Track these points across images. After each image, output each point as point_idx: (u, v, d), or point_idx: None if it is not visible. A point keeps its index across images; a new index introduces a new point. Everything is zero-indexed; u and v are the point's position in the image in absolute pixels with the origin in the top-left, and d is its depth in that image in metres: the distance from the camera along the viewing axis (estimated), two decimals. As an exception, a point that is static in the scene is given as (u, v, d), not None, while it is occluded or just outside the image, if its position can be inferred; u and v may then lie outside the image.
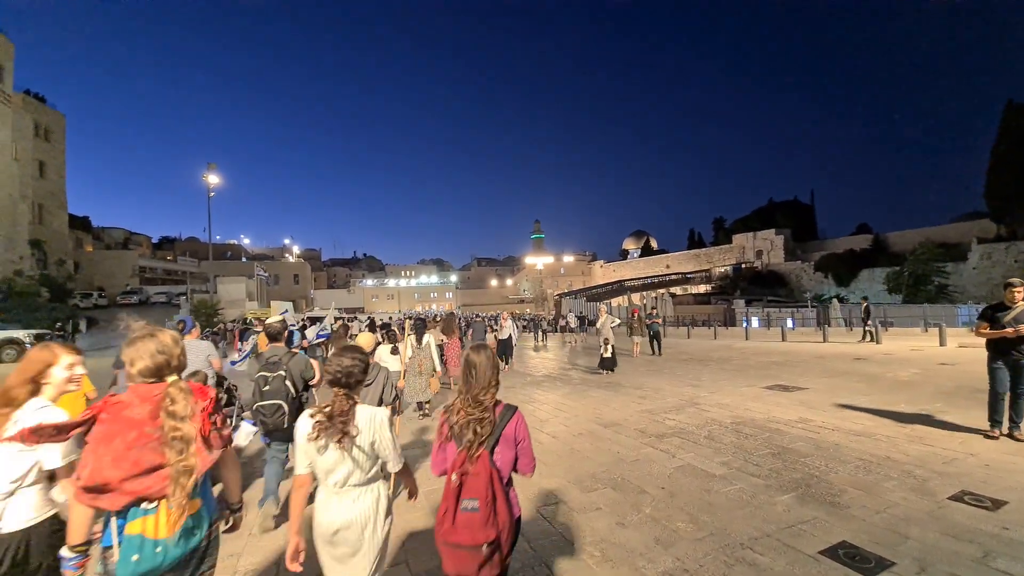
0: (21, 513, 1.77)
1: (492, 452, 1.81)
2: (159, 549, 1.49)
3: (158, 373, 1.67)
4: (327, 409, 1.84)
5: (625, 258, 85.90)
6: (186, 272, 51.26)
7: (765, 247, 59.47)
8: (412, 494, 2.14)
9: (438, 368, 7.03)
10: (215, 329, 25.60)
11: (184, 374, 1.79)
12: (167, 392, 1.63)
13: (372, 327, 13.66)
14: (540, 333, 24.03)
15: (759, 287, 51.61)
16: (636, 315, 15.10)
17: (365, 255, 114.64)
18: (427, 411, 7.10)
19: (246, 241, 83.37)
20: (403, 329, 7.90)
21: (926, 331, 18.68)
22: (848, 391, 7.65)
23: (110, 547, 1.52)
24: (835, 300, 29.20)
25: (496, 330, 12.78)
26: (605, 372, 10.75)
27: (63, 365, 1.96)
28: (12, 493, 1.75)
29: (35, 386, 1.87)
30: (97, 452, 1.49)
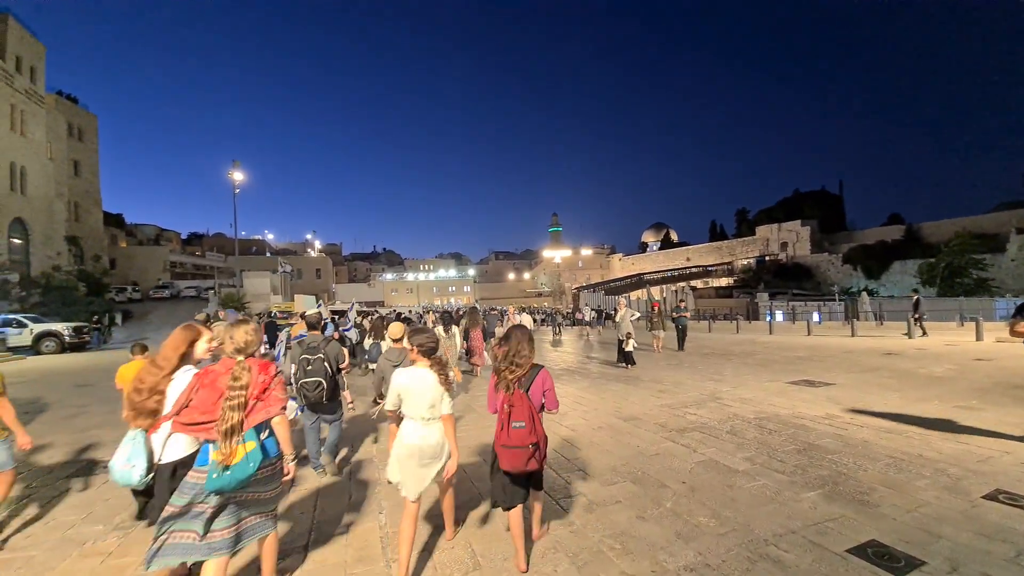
0: (178, 450, 2.53)
1: (528, 391, 2.74)
2: (227, 472, 2.13)
3: (237, 353, 2.37)
4: (411, 353, 2.88)
5: (644, 251, 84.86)
6: (214, 267, 52.83)
7: (790, 239, 57.92)
8: (449, 437, 2.83)
9: (458, 352, 7.36)
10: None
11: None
12: (232, 369, 2.30)
13: (399, 318, 14.48)
14: (556, 327, 23.95)
15: (784, 280, 50.40)
16: (656, 309, 14.45)
17: (385, 249, 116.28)
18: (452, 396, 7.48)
19: (270, 236, 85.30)
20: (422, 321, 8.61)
21: (962, 325, 17.98)
22: (878, 387, 7.43)
23: (205, 466, 2.20)
24: (864, 293, 28.27)
25: (502, 325, 12.32)
26: (628, 366, 10.66)
27: (204, 339, 2.71)
28: (170, 435, 2.51)
29: (185, 355, 2.65)
30: (198, 406, 2.26)
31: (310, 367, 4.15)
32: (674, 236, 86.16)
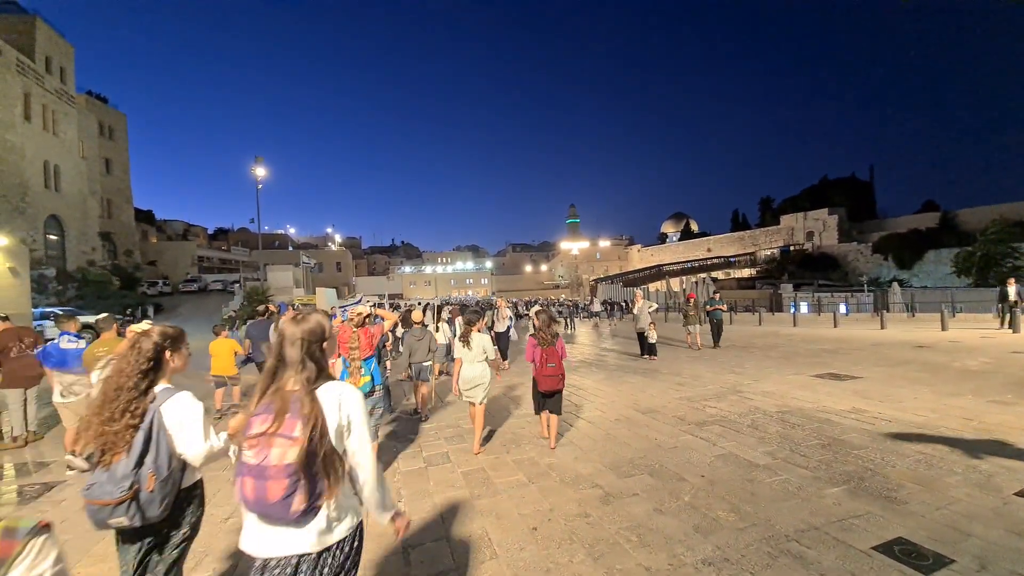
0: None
1: (555, 346, 4.64)
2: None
3: (356, 327, 4.13)
4: (464, 332, 4.82)
5: (663, 242, 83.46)
6: (239, 261, 54.21)
7: (817, 228, 56.08)
8: (497, 369, 6.19)
9: (491, 355, 8.02)
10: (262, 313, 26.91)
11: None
12: (350, 335, 4.06)
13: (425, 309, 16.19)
14: (567, 320, 23.50)
15: (809, 270, 48.87)
16: (692, 300, 12.66)
17: (403, 243, 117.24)
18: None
19: (292, 231, 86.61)
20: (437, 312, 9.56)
21: (999, 317, 17.19)
22: (908, 381, 7.18)
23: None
24: (895, 284, 27.26)
25: (494, 321, 11.11)
26: (650, 358, 10.56)
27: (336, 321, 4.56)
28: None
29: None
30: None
31: None
32: (695, 226, 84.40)
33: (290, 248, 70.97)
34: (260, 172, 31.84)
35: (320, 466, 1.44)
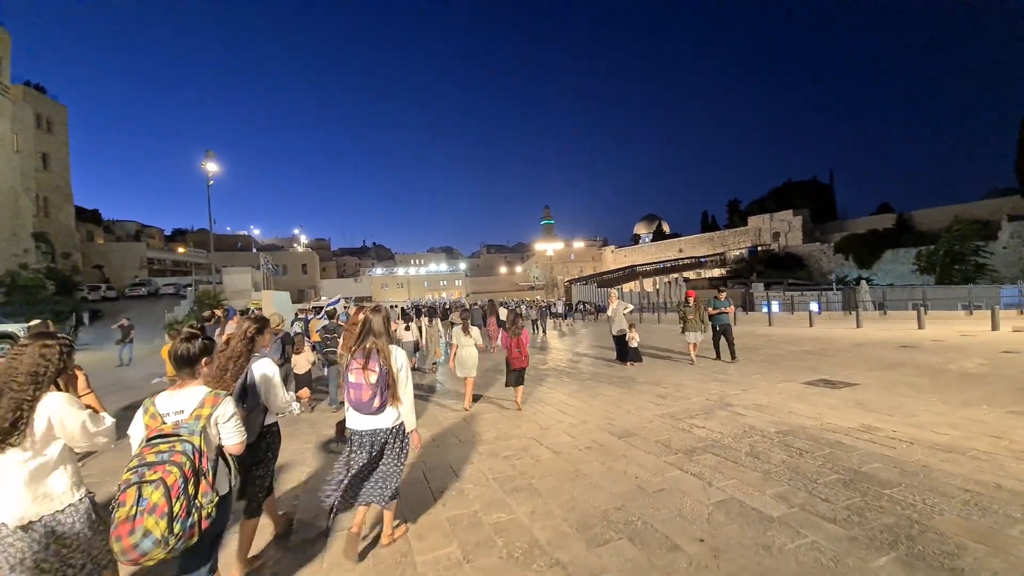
0: None
1: (520, 336, 6.63)
2: None
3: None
4: (462, 325, 7.07)
5: (637, 243, 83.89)
6: (193, 263, 51.11)
7: (782, 229, 57.23)
8: (480, 349, 7.16)
9: (479, 342, 7.47)
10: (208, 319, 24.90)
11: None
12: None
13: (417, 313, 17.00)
14: (535, 324, 21.34)
15: (776, 270, 49.67)
16: (692, 300, 9.86)
17: (375, 244, 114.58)
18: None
19: (256, 232, 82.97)
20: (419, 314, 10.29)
21: (971, 314, 17.21)
22: (909, 387, 6.46)
23: None
24: (863, 282, 27.52)
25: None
26: (630, 364, 9.64)
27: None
28: None
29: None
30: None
31: (330, 341, 7.29)
32: (666, 227, 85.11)
33: (254, 250, 67.72)
34: (212, 168, 29.69)
35: (389, 385, 2.81)
